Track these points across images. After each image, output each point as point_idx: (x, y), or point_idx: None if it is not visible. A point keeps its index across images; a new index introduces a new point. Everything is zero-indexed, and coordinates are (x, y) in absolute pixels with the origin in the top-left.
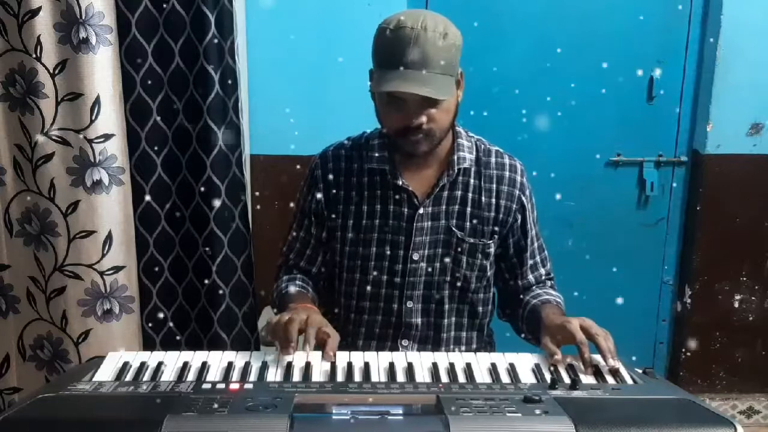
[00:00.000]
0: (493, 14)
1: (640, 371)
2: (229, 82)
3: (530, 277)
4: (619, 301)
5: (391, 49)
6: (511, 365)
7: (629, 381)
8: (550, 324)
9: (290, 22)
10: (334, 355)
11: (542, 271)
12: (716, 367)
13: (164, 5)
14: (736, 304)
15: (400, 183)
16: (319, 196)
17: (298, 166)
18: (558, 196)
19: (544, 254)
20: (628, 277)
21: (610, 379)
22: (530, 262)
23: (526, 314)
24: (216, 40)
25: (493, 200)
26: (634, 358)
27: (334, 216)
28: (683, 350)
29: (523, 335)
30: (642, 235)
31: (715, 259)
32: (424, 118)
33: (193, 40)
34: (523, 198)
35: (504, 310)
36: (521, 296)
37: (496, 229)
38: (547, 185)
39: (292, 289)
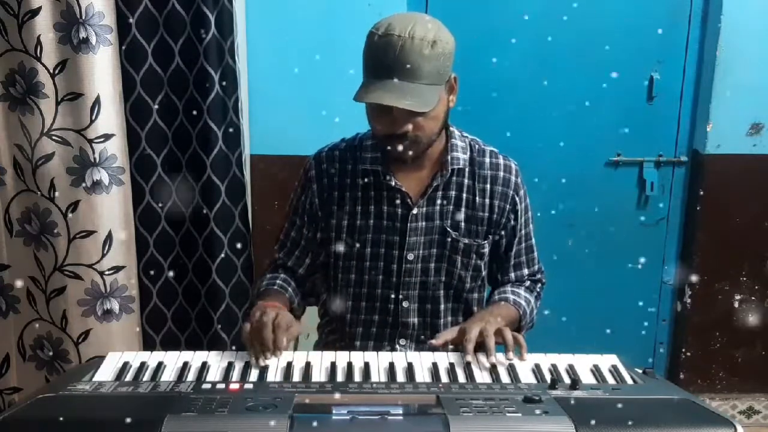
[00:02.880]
0: (492, 15)
1: (640, 371)
2: (229, 82)
3: (511, 274)
4: (619, 301)
5: (377, 57)
6: (511, 365)
7: (629, 381)
8: (472, 318)
9: (290, 22)
10: (287, 342)
11: (525, 271)
12: (716, 367)
13: (164, 5)
14: (736, 304)
15: (394, 183)
16: (312, 197)
17: (298, 166)
18: (558, 196)
19: (531, 255)
20: (628, 277)
21: (610, 379)
22: (514, 261)
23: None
24: (216, 40)
25: (487, 201)
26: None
27: (328, 217)
28: (683, 350)
29: None
30: (642, 235)
31: (715, 259)
32: (409, 126)
33: (193, 40)
34: (517, 198)
35: None
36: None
37: (491, 229)
38: (547, 185)
39: (271, 286)
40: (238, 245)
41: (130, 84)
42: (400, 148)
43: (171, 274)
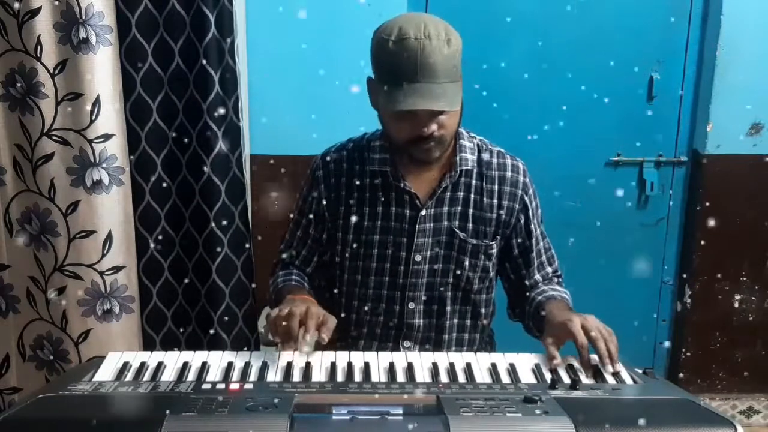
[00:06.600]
0: (492, 15)
1: (640, 371)
2: (229, 82)
3: (537, 276)
4: (619, 301)
5: (398, 63)
6: (511, 365)
7: (629, 381)
8: (552, 322)
9: (290, 22)
10: (327, 337)
11: (549, 269)
12: (716, 367)
13: (164, 5)
14: (736, 304)
15: (402, 185)
16: (319, 197)
17: (298, 166)
18: (558, 196)
19: (550, 252)
20: (628, 277)
21: (610, 379)
22: (537, 261)
23: (532, 311)
24: (216, 40)
25: (495, 201)
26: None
27: (335, 217)
28: (683, 350)
29: (531, 333)
30: (642, 235)
31: (715, 259)
32: (435, 127)
33: (193, 40)
34: (526, 198)
35: (513, 310)
36: (528, 294)
37: (499, 230)
38: (547, 185)
39: (289, 282)
40: (238, 245)
41: (130, 84)
42: (426, 149)
43: (171, 274)
